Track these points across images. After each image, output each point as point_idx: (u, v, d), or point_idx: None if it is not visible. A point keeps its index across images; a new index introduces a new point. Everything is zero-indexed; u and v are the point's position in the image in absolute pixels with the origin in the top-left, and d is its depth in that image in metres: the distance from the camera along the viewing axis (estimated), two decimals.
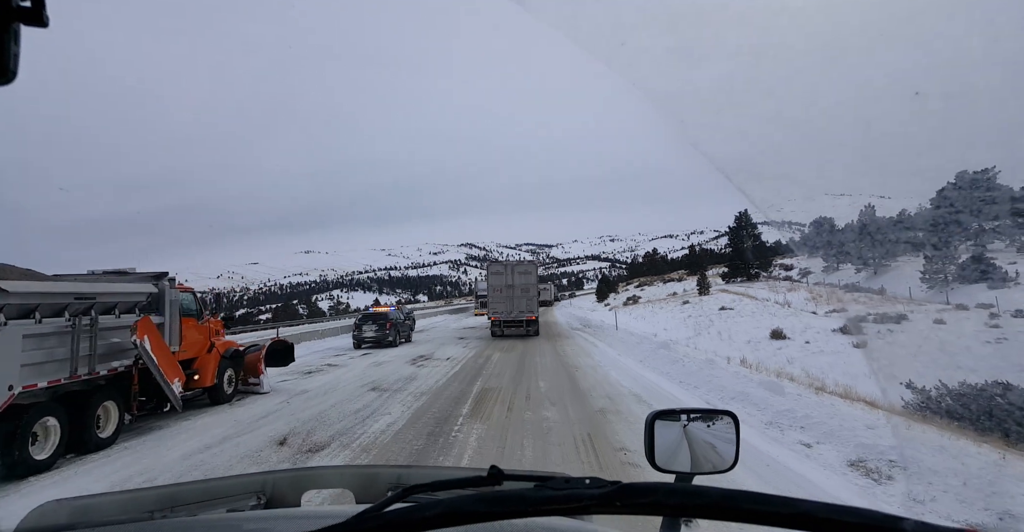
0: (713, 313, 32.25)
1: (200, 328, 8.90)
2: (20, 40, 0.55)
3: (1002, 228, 33.59)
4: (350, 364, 14.07)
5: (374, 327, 18.04)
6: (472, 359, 14.23)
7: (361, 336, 18.12)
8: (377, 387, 10.15)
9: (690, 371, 10.58)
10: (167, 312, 7.85)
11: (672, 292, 56.71)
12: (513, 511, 0.61)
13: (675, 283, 68.35)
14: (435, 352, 16.23)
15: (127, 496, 1.26)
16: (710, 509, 0.59)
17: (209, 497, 1.28)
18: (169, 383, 7.31)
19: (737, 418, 1.30)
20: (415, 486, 0.79)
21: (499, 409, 8.01)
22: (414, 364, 13.53)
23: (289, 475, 1.38)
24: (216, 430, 7.33)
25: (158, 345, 7.20)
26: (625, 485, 0.63)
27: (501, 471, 0.77)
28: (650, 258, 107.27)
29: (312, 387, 10.45)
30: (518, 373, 11.48)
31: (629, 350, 14.66)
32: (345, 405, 8.59)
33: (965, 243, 32.23)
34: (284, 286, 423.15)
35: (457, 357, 14.80)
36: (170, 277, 8.21)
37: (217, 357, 9.03)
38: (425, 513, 0.59)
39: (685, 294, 48.77)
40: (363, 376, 11.70)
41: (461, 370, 12.24)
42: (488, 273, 22.03)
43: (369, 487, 1.34)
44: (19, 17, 0.54)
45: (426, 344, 18.96)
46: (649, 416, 1.24)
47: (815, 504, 0.56)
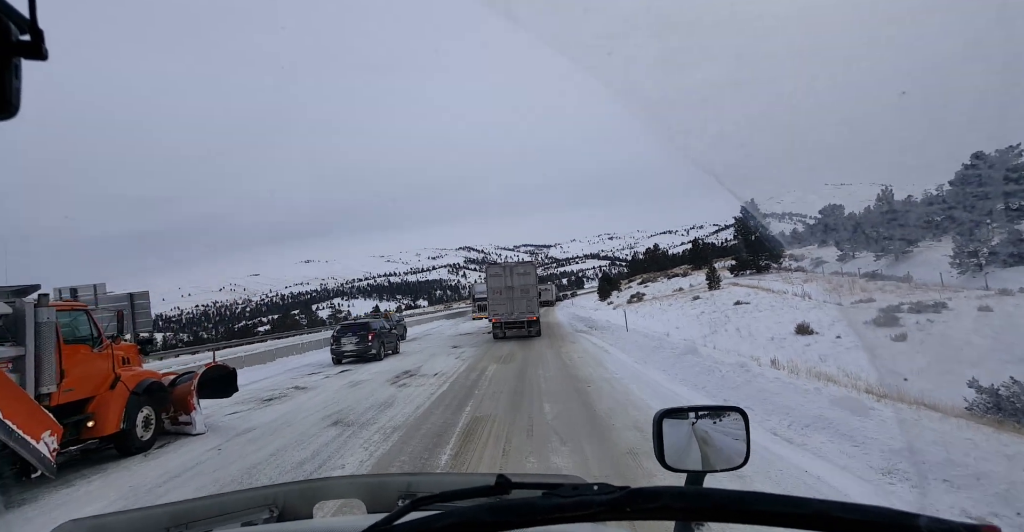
0: (728, 308, 30.08)
1: (97, 358, 6.77)
2: (21, 74, 0.55)
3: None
4: (321, 386, 11.96)
5: (354, 339, 15.87)
6: (464, 374, 12.10)
7: (340, 350, 15.96)
8: (342, 420, 8.03)
9: (734, 384, 8.45)
10: (30, 340, 5.73)
11: (678, 287, 54.59)
12: (522, 520, 0.61)
13: (680, 278, 66.24)
14: (423, 366, 14.12)
15: (142, 514, 1.25)
16: (719, 511, 0.59)
17: (222, 512, 1.26)
18: (27, 440, 5.20)
19: (746, 414, 1.26)
20: (423, 497, 0.79)
21: (491, 452, 5.90)
22: (395, 383, 11.41)
23: (300, 487, 1.38)
24: (98, 504, 5.22)
25: (4, 388, 5.10)
26: (634, 490, 0.63)
27: (509, 479, 0.77)
28: (651, 254, 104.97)
29: (262, 422, 8.34)
30: (517, 393, 9.36)
31: (647, 356, 12.52)
32: (291, 452, 6.48)
33: (997, 224, 30.04)
34: (285, 296, 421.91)
35: (447, 372, 12.69)
36: (42, 293, 6.10)
37: (125, 394, 6.90)
38: (434, 525, 0.60)
39: (693, 289, 46.67)
40: (330, 403, 9.58)
41: (449, 390, 10.12)
42: (487, 275, 21.73)
43: (379, 496, 1.33)
44: (19, 51, 0.54)
45: (415, 356, 16.84)
46: (656, 415, 1.23)
47: (827, 503, 0.56)
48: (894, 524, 0.53)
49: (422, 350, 18.93)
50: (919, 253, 39.95)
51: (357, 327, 16.30)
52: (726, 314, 28.67)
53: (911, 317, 22.04)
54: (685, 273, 67.35)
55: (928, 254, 39.24)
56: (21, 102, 0.55)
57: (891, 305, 25.42)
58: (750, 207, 52.51)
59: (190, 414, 7.55)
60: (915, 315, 22.14)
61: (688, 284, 54.36)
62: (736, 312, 28.80)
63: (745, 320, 26.08)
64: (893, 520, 0.53)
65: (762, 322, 25.31)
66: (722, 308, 30.22)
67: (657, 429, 1.21)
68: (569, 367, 12.05)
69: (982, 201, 29.70)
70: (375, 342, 15.99)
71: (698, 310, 31.06)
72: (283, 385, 12.43)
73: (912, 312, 22.50)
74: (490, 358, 14.84)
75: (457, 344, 20.49)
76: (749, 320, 26.10)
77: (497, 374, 11.77)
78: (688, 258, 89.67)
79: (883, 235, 37.92)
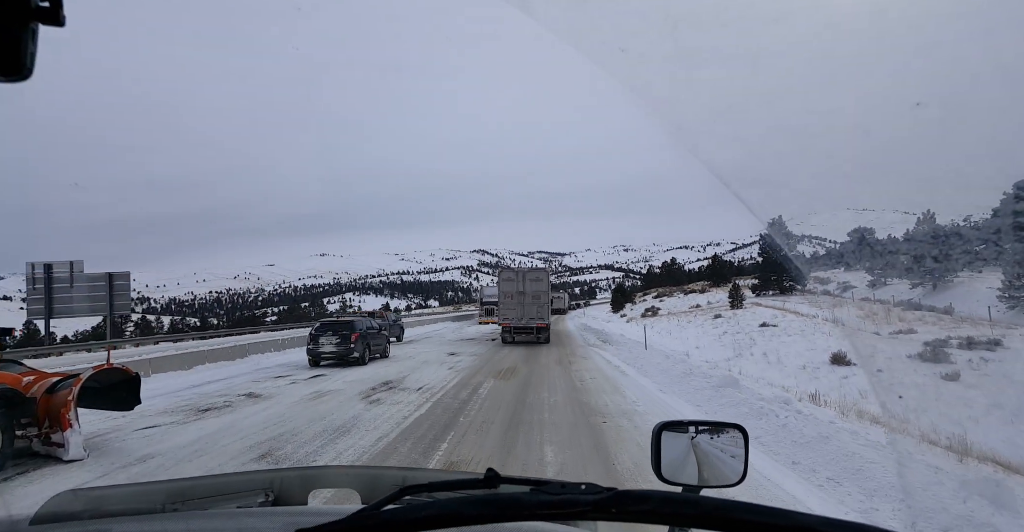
0: (753, 330, 27.75)
1: None
2: (37, 39, 0.56)
3: None
4: (279, 395, 9.97)
5: (334, 339, 13.84)
6: (453, 391, 10.06)
7: (317, 351, 13.96)
8: (273, 451, 6.02)
9: (801, 437, 6.30)
10: None
11: (695, 304, 52.30)
12: (508, 514, 0.61)
13: (697, 295, 63.87)
14: (409, 376, 12.10)
15: (141, 488, 1.30)
16: (705, 519, 0.58)
17: (219, 492, 1.27)
18: None
19: (746, 431, 1.25)
20: (412, 487, 0.79)
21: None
22: (368, 398, 9.39)
23: (297, 473, 1.38)
24: None
25: None
26: (621, 492, 0.62)
27: (498, 474, 0.77)
28: (668, 268, 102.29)
29: (173, 446, 6.35)
30: (513, 425, 7.29)
31: (673, 383, 10.40)
32: None
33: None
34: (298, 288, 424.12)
35: (434, 385, 10.66)
36: None
37: None
38: (418, 513, 0.60)
39: (711, 307, 44.33)
40: (273, 423, 7.55)
41: (430, 413, 8.08)
42: (500, 279, 21.66)
43: (374, 487, 1.32)
44: (37, 16, 0.55)
45: (404, 362, 14.83)
46: (656, 427, 1.23)
47: (814, 517, 0.55)
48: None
49: (415, 355, 16.91)
50: (959, 284, 37.28)
51: (339, 326, 14.27)
52: (751, 336, 26.33)
53: (962, 354, 19.60)
54: (703, 290, 65.01)
55: (971, 285, 36.58)
56: (35, 67, 0.55)
57: (937, 339, 22.85)
58: (777, 225, 50.09)
59: (64, 433, 5.57)
60: (966, 352, 19.69)
61: (706, 301, 52.07)
62: (762, 335, 26.46)
63: (772, 344, 23.73)
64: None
65: (792, 348, 22.93)
66: (746, 329, 27.92)
67: (656, 441, 1.19)
68: (580, 391, 9.96)
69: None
70: (358, 344, 13.97)
71: (720, 330, 28.77)
72: (236, 390, 10.48)
73: (962, 348, 20.08)
74: (488, 371, 12.79)
75: (455, 351, 18.45)
76: (777, 344, 23.72)
77: (493, 394, 9.72)
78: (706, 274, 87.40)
79: (924, 262, 35.23)
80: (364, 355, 14.25)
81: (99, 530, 1.05)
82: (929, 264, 33.95)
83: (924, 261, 34.08)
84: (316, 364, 14.16)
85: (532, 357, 16.11)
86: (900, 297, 37.71)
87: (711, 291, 60.98)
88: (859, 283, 48.02)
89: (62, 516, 1.10)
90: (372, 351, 15.01)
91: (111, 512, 1.14)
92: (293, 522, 0.83)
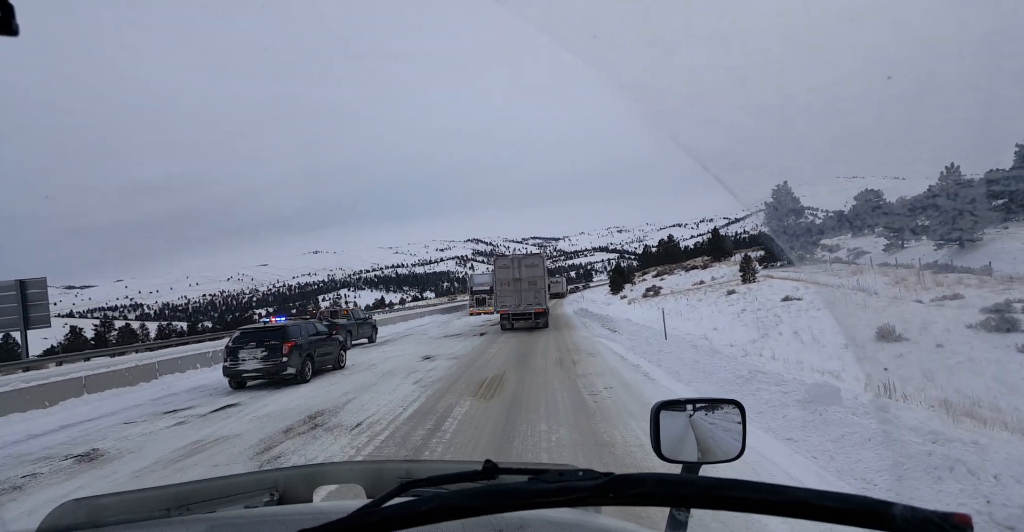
0: (775, 305, 24.49)
1: None
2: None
3: None
4: (135, 451, 6.59)
5: (259, 352, 10.33)
6: (406, 428, 6.72)
7: (236, 369, 10.46)
8: None
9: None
10: None
11: (699, 281, 49.25)
12: (507, 504, 0.62)
13: (699, 271, 60.85)
14: (354, 400, 8.75)
15: (144, 494, 1.26)
16: (700, 498, 0.59)
17: (224, 494, 1.26)
18: None
19: (743, 406, 1.24)
20: (412, 481, 0.79)
21: None
22: (266, 452, 6.08)
23: (301, 472, 1.37)
24: None
25: None
26: (617, 476, 0.63)
27: (496, 465, 0.77)
28: (665, 246, 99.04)
29: None
30: None
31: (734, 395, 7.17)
32: None
33: None
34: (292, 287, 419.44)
35: (384, 417, 7.35)
36: None
37: None
38: (421, 508, 0.60)
39: (716, 282, 41.20)
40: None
41: None
42: (495, 267, 21.61)
43: (378, 482, 1.31)
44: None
45: (360, 375, 11.49)
46: (655, 406, 1.21)
47: (806, 491, 0.56)
48: (868, 511, 0.53)
49: (380, 362, 13.58)
50: (989, 242, 34.20)
51: (265, 334, 10.71)
52: (775, 313, 23.00)
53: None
54: (705, 265, 62.07)
55: (1002, 243, 33.46)
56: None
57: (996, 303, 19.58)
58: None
59: None
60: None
61: (710, 277, 49.13)
62: (787, 311, 23.13)
63: (802, 321, 20.43)
64: (868, 507, 0.53)
65: (824, 323, 19.63)
66: (768, 305, 24.64)
67: (655, 420, 1.19)
68: (594, 415, 6.68)
69: None
70: (294, 356, 10.54)
71: (737, 307, 25.52)
72: (81, 443, 7.13)
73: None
74: (466, 384, 9.50)
75: (433, 353, 15.13)
76: (807, 321, 20.40)
77: (463, 429, 6.44)
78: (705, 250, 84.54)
79: (956, 219, 31.96)
80: (304, 370, 10.84)
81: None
82: (964, 221, 30.60)
83: (957, 217, 30.76)
84: (239, 386, 10.76)
85: (525, 356, 12.84)
86: (925, 259, 34.61)
87: (714, 266, 58.10)
88: (871, 248, 45.06)
89: (66, 528, 1.09)
90: (318, 363, 11.63)
91: (116, 520, 1.12)
92: (298, 521, 0.79)
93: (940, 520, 0.52)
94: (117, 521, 1.10)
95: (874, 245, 45.78)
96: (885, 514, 0.52)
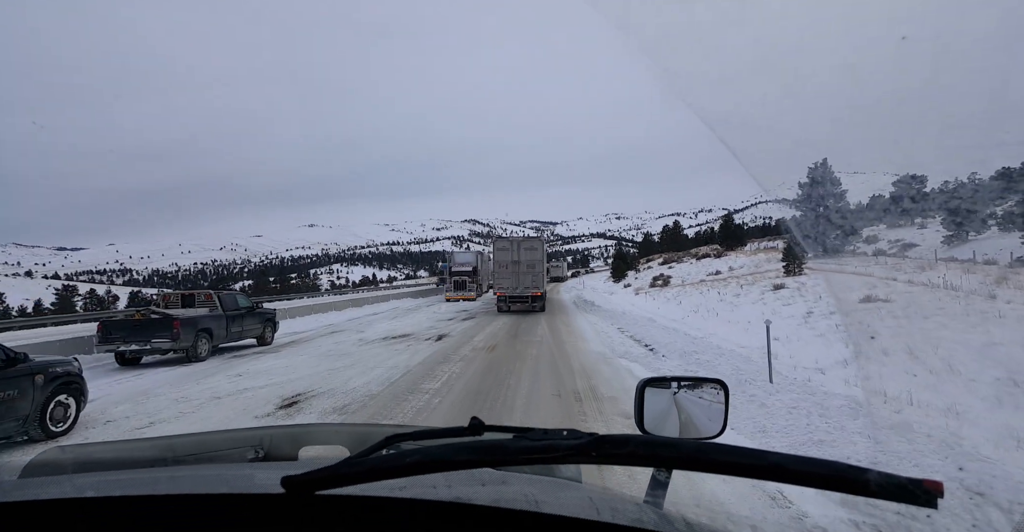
0: (854, 309, 17.49)
1: None
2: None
3: None
4: None
5: None
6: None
7: None
8: None
9: None
10: None
11: (714, 271, 42.64)
12: (490, 460, 0.63)
13: (712, 260, 54.02)
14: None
15: (129, 445, 1.29)
16: (682, 461, 0.60)
17: (209, 449, 1.27)
18: None
19: (727, 386, 1.27)
20: (398, 435, 0.80)
21: None
22: None
23: (287, 431, 1.37)
24: None
25: None
26: (601, 436, 0.63)
27: (482, 422, 0.77)
28: (671, 233, 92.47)
29: None
30: None
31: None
32: None
33: None
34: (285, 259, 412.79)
35: None
36: None
37: None
38: (404, 460, 0.61)
39: (739, 274, 34.44)
40: None
41: None
42: (495, 248, 22.25)
43: (364, 443, 1.21)
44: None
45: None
46: (640, 383, 1.25)
47: (785, 457, 0.58)
48: (844, 477, 0.55)
49: (193, 410, 6.95)
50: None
51: None
52: (859, 320, 16.03)
53: None
54: (718, 254, 55.54)
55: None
56: None
57: None
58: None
59: None
60: None
61: (727, 267, 42.81)
62: (878, 317, 16.16)
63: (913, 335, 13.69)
64: (844, 473, 0.55)
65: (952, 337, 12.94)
66: (844, 308, 17.72)
67: (639, 397, 1.22)
68: None
69: None
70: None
71: (797, 308, 18.84)
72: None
73: None
74: None
75: (312, 389, 8.40)
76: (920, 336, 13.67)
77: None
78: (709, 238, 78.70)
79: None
80: None
81: (87, 483, 1.03)
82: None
83: None
84: None
85: (511, 391, 6.30)
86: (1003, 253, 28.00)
87: (728, 255, 51.65)
88: (918, 239, 38.52)
89: (50, 470, 1.10)
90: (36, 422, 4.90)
91: (99, 466, 1.13)
92: (283, 473, 0.78)
93: (913, 486, 0.53)
94: (99, 467, 1.11)
95: (919, 236, 39.40)
96: (860, 480, 0.54)
